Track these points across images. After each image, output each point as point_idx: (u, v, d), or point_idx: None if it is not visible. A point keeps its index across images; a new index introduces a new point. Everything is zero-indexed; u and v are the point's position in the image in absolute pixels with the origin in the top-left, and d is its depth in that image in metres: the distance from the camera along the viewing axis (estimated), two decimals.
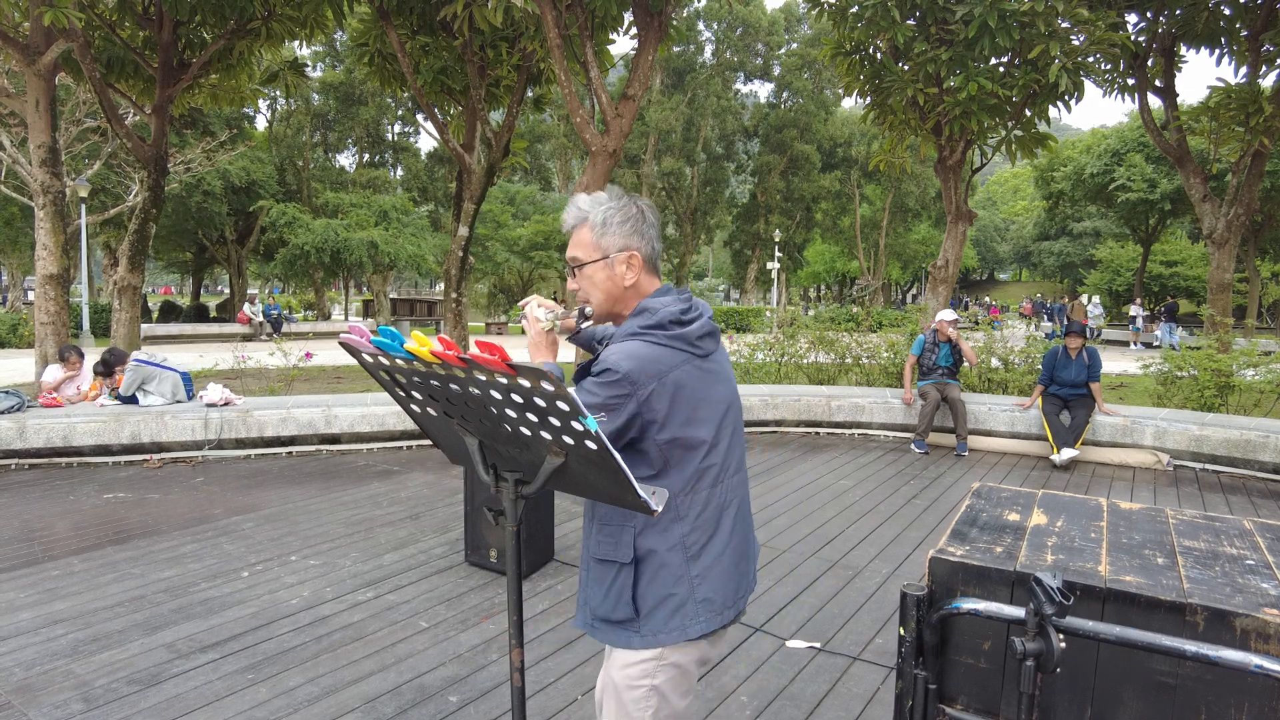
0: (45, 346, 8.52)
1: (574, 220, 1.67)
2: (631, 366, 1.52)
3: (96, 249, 30.62)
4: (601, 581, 1.66)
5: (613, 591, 1.64)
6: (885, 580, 4.11)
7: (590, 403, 1.51)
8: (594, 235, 1.64)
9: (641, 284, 1.68)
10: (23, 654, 3.15)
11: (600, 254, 1.64)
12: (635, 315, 1.64)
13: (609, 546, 1.64)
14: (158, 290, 63.60)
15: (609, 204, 1.66)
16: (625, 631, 1.66)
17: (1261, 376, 8.30)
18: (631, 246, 1.65)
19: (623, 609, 1.64)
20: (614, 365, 1.52)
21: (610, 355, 1.55)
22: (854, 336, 10.20)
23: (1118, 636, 1.51)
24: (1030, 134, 10.26)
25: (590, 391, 1.53)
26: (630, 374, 1.51)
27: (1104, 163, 32.02)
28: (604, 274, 1.65)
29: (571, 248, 1.68)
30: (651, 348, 1.57)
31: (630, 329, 1.62)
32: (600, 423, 1.49)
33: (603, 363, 1.54)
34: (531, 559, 4.10)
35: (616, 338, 1.63)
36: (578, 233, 1.66)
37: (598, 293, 1.67)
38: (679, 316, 1.62)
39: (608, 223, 1.64)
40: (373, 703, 2.82)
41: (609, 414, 1.53)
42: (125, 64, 9.96)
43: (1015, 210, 63.94)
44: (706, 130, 40.45)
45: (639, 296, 1.68)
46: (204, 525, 4.87)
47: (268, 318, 23.73)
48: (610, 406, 1.52)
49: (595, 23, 9.51)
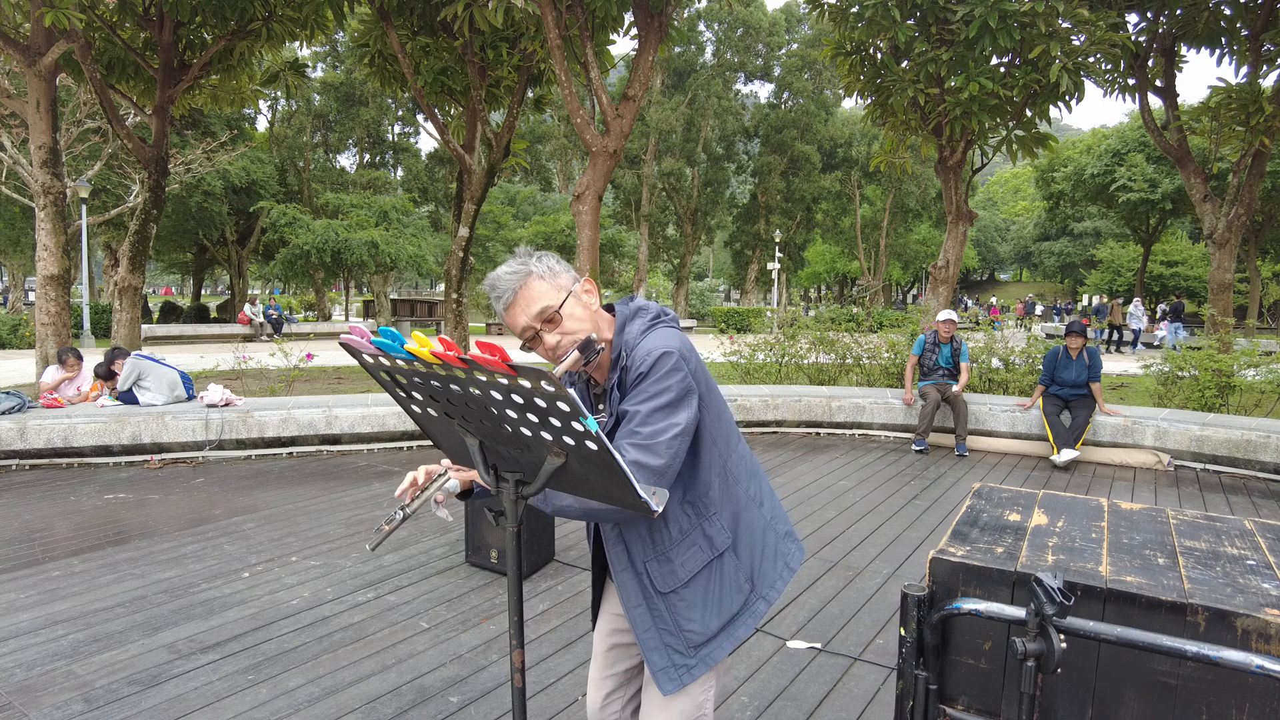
0: (46, 347, 8.53)
1: (514, 285, 1.61)
2: (679, 344, 1.56)
3: (97, 250, 30.66)
4: (703, 594, 1.65)
5: (717, 587, 1.66)
6: (886, 581, 4.10)
7: (667, 400, 1.51)
8: (549, 281, 1.61)
9: (600, 307, 1.71)
10: (23, 655, 3.15)
11: (564, 292, 1.62)
12: (633, 318, 1.66)
13: (697, 553, 1.65)
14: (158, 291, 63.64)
15: (534, 257, 1.64)
16: (742, 618, 1.68)
17: (1262, 377, 8.29)
18: (578, 276, 1.67)
19: (738, 592, 1.67)
20: (665, 348, 1.53)
21: (651, 346, 1.55)
22: (854, 337, 10.19)
23: (1119, 637, 1.51)
24: (1031, 134, 10.27)
25: (658, 392, 1.51)
26: (681, 350, 1.55)
27: (1105, 163, 32.04)
28: (579, 305, 1.64)
29: (529, 305, 1.60)
30: (672, 330, 1.62)
31: (642, 325, 1.64)
32: (687, 414, 1.52)
33: (649, 354, 1.54)
34: (532, 560, 4.10)
35: (631, 343, 1.62)
36: (529, 290, 1.60)
37: (584, 325, 1.63)
38: (665, 309, 1.70)
39: (552, 268, 1.63)
40: (373, 703, 2.82)
41: (689, 397, 1.54)
42: (126, 65, 9.97)
43: (1016, 210, 63.93)
44: (707, 131, 40.44)
45: (606, 318, 1.70)
46: (204, 526, 4.87)
47: (268, 318, 23.74)
48: (686, 389, 1.53)
49: (595, 23, 9.51)
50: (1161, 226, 34.05)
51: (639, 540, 1.66)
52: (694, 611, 1.65)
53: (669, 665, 1.66)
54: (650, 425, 1.49)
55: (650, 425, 1.49)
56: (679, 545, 1.64)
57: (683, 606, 1.65)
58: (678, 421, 1.51)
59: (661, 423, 1.49)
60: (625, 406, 1.56)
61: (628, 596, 1.69)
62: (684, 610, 1.65)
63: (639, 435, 1.49)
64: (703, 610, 1.65)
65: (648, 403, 1.51)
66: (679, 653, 1.66)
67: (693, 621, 1.65)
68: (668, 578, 1.65)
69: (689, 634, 1.65)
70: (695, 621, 1.65)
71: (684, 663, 1.66)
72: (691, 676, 1.65)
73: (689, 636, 1.65)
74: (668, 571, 1.65)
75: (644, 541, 1.66)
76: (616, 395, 1.62)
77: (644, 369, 1.53)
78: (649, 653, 1.67)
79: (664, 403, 1.51)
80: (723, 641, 1.66)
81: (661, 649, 1.66)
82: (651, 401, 1.51)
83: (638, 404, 1.52)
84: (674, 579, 1.65)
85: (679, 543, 1.64)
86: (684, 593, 1.65)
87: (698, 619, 1.64)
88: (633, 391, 1.55)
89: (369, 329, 1.39)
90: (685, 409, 1.52)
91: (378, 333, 1.38)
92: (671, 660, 1.66)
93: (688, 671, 1.65)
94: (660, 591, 1.66)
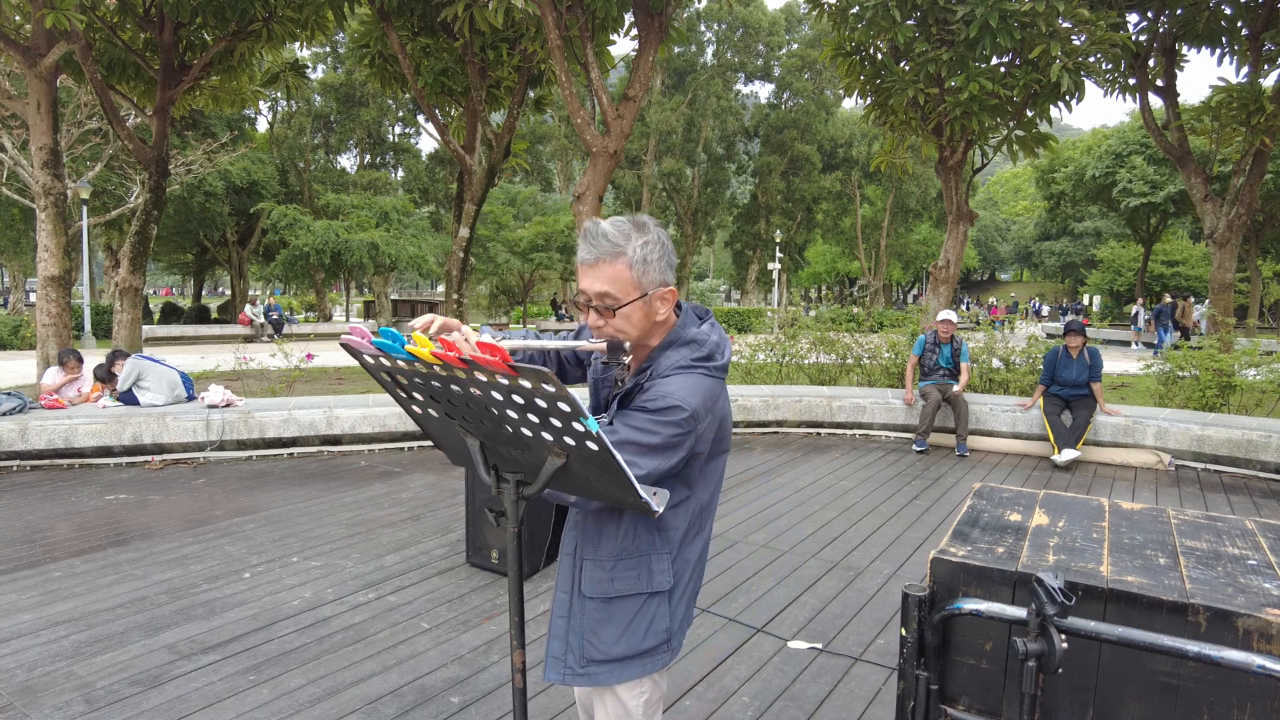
0: (47, 348, 8.53)
1: (603, 253, 1.51)
2: (698, 403, 1.49)
3: (98, 251, 30.65)
4: (621, 619, 1.60)
5: (638, 624, 1.60)
6: (887, 581, 4.10)
7: (648, 442, 1.46)
8: (634, 274, 1.52)
9: (670, 314, 1.62)
10: (24, 655, 3.15)
11: (640, 293, 1.53)
12: (683, 345, 1.58)
13: (633, 579, 1.60)
14: (159, 292, 63.68)
15: (645, 238, 1.53)
16: (644, 660, 1.62)
17: (1263, 376, 8.29)
18: (669, 282, 1.57)
19: (653, 636, 1.61)
20: (681, 402, 1.46)
21: (672, 390, 1.48)
22: (855, 337, 10.19)
23: (1120, 637, 1.50)
24: (1031, 134, 10.26)
25: (648, 430, 1.46)
26: (697, 411, 1.48)
27: (1105, 165, 32.02)
28: (641, 313, 1.55)
29: (600, 282, 1.52)
30: (708, 380, 1.54)
31: (682, 361, 1.55)
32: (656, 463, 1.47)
33: (665, 398, 1.47)
34: (533, 560, 4.10)
35: (664, 369, 1.55)
36: (609, 268, 1.51)
37: (632, 330, 1.56)
38: (722, 348, 1.60)
39: (649, 260, 1.52)
40: (374, 704, 2.82)
41: (670, 452, 1.48)
42: (126, 66, 9.98)
43: (1016, 210, 63.93)
44: (707, 131, 40.46)
45: (664, 325, 1.61)
46: (205, 526, 4.87)
47: (269, 319, 23.75)
48: (673, 445, 1.48)
49: (596, 24, 9.51)
50: (1162, 226, 34.05)
51: (587, 537, 1.65)
52: (605, 630, 1.61)
53: (559, 658, 1.66)
54: (619, 450, 1.43)
55: (619, 450, 1.43)
56: (619, 561, 1.60)
57: (596, 620, 1.62)
58: (641, 466, 1.45)
59: (628, 456, 1.43)
60: (615, 419, 1.54)
61: (560, 579, 1.72)
62: (595, 624, 1.62)
63: None
64: (614, 633, 1.60)
65: (631, 431, 1.47)
66: (573, 654, 1.64)
67: (599, 638, 1.61)
68: (596, 585, 1.62)
69: (589, 645, 1.62)
70: (601, 639, 1.61)
71: (572, 666, 1.64)
72: (573, 682, 1.63)
73: (588, 648, 1.62)
74: (599, 579, 1.62)
75: (592, 540, 1.64)
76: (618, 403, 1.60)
77: (650, 405, 1.48)
78: (551, 637, 1.69)
79: (643, 442, 1.46)
80: (614, 671, 1.61)
81: (562, 639, 1.66)
82: (635, 433, 1.47)
83: (624, 424, 1.49)
84: (600, 590, 1.61)
85: (620, 559, 1.60)
86: (604, 608, 1.61)
87: (605, 638, 1.61)
88: (631, 410, 1.52)
89: (369, 329, 1.39)
90: (659, 459, 1.47)
91: (378, 333, 1.38)
92: (564, 657, 1.65)
93: (571, 675, 1.63)
94: (585, 594, 1.63)
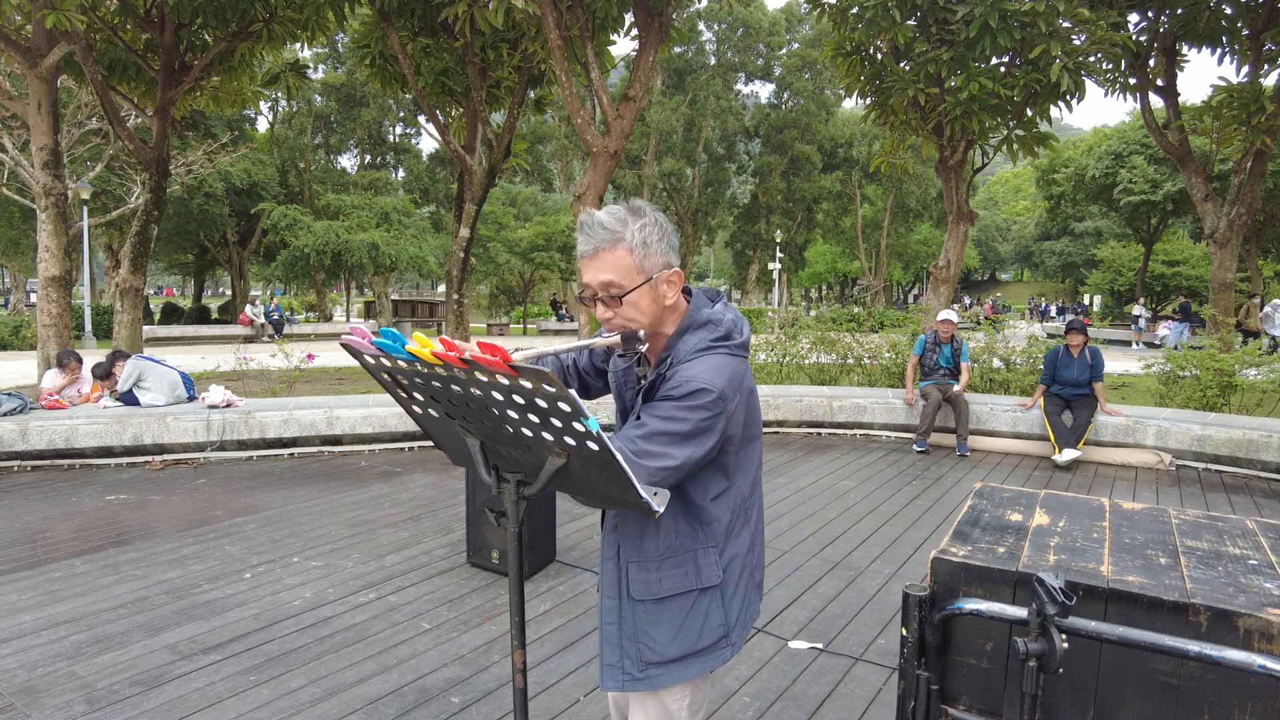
0: (48, 348, 8.54)
1: (601, 242, 1.49)
2: (724, 383, 1.46)
3: (98, 251, 30.64)
4: (673, 618, 1.58)
5: (691, 621, 1.58)
6: (887, 581, 4.10)
7: (678, 430, 1.43)
8: (636, 258, 1.49)
9: (679, 298, 1.59)
10: (25, 655, 3.15)
11: (644, 277, 1.50)
12: (700, 328, 1.56)
13: (680, 577, 1.58)
14: (160, 292, 63.69)
15: (641, 220, 1.51)
16: (703, 658, 1.60)
17: (1264, 376, 8.28)
18: (673, 263, 1.54)
19: (710, 633, 1.59)
20: (707, 384, 1.44)
21: (696, 373, 1.46)
22: (855, 337, 10.18)
23: (1120, 637, 1.50)
24: (1031, 134, 10.26)
25: (676, 418, 1.44)
26: (724, 391, 1.46)
27: (1106, 165, 32.00)
28: (649, 298, 1.52)
29: (603, 271, 1.50)
30: (730, 359, 1.53)
31: (700, 344, 1.53)
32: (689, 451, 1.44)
33: (690, 382, 1.45)
34: (533, 560, 4.10)
35: (683, 355, 1.53)
36: (610, 255, 1.49)
37: (642, 317, 1.53)
38: (740, 325, 1.58)
39: (648, 242, 1.50)
40: (375, 704, 2.82)
41: (702, 438, 1.45)
42: (127, 66, 9.98)
43: (1016, 210, 63.89)
44: (707, 131, 40.46)
45: (675, 311, 1.59)
46: (206, 527, 4.87)
47: (269, 319, 23.75)
48: (705, 429, 1.45)
49: (596, 24, 9.51)
50: (1163, 226, 34.02)
51: (629, 539, 1.62)
52: (658, 631, 1.59)
53: (615, 665, 1.63)
54: (649, 444, 1.43)
55: (649, 444, 1.43)
56: (665, 561, 1.58)
57: (648, 621, 1.60)
58: (675, 456, 1.43)
59: (659, 448, 1.42)
60: (642, 412, 1.52)
61: (605, 585, 1.68)
62: (648, 626, 1.60)
63: (634, 445, 1.44)
64: (668, 634, 1.58)
65: (660, 422, 1.45)
66: (629, 659, 1.61)
67: (653, 640, 1.59)
68: (644, 587, 1.60)
69: (644, 648, 1.59)
70: (656, 641, 1.59)
71: (630, 671, 1.61)
72: (634, 687, 1.60)
73: (644, 651, 1.59)
74: (646, 581, 1.59)
75: (634, 542, 1.61)
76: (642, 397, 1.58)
77: (675, 393, 1.45)
78: (604, 644, 1.66)
79: (673, 431, 1.43)
80: (674, 671, 1.59)
81: (616, 646, 1.64)
82: (664, 423, 1.44)
83: (651, 416, 1.47)
84: (649, 591, 1.59)
85: (666, 558, 1.58)
86: (655, 609, 1.59)
87: (659, 639, 1.59)
88: (657, 401, 1.49)
89: (370, 330, 1.39)
90: (691, 446, 1.45)
91: (379, 333, 1.38)
92: (620, 663, 1.62)
93: (631, 681, 1.61)
94: (633, 597, 1.61)
